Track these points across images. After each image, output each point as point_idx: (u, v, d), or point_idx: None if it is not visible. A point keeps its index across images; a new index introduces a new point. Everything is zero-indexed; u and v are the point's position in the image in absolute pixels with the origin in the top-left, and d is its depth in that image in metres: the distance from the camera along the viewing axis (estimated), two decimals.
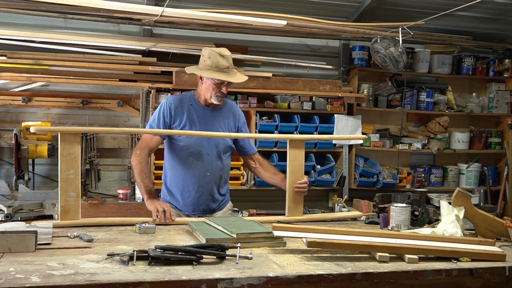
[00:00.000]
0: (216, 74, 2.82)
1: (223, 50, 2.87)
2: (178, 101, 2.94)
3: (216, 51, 2.85)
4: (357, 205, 3.81)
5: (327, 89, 4.70)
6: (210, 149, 2.90)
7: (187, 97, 2.97)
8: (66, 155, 2.46)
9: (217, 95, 2.87)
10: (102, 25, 4.47)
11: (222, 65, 2.83)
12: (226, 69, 2.84)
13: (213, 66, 2.83)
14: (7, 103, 4.27)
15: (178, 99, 2.96)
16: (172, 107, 2.90)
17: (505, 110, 5.35)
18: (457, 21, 4.90)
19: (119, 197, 4.15)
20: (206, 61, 2.85)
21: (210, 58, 2.84)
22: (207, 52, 2.87)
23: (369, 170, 4.88)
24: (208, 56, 2.85)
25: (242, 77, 2.94)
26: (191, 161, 2.89)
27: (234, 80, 2.88)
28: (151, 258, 1.83)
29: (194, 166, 2.89)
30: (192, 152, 2.88)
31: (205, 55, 2.87)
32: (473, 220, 2.50)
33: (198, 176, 2.90)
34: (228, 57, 2.86)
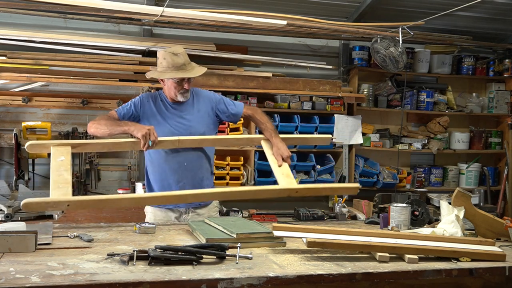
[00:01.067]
0: (174, 73, 2.84)
1: (175, 49, 2.90)
2: (151, 97, 2.99)
3: (169, 51, 2.88)
4: (357, 205, 3.81)
5: (327, 89, 4.70)
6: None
7: (158, 94, 3.02)
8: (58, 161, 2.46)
9: (180, 92, 2.90)
10: (102, 25, 4.47)
11: (178, 63, 2.85)
12: (183, 66, 2.86)
13: (170, 66, 2.86)
14: (7, 103, 4.27)
15: (151, 95, 3.03)
16: (144, 100, 2.95)
17: (505, 110, 5.35)
18: (457, 21, 4.90)
19: None
20: (162, 62, 2.88)
21: (165, 59, 2.87)
22: (161, 54, 2.89)
23: (369, 170, 4.88)
24: (163, 57, 2.88)
25: (201, 70, 2.94)
26: (166, 152, 2.88)
27: (192, 74, 2.89)
28: (151, 258, 1.83)
29: (170, 158, 2.88)
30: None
31: (160, 57, 2.90)
32: (473, 220, 2.50)
33: (176, 168, 2.89)
34: (182, 54, 2.88)
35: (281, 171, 2.71)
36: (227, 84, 4.39)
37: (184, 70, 2.87)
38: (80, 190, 4.25)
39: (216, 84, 4.38)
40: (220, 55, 4.49)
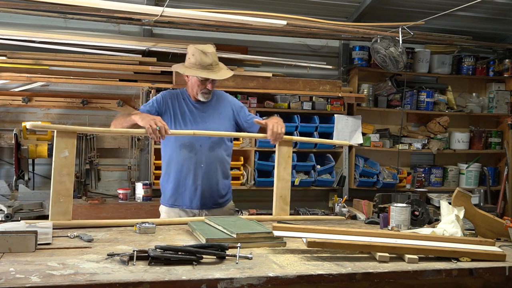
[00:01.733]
0: (199, 72, 2.84)
1: (206, 47, 2.89)
2: (173, 94, 2.99)
3: (199, 49, 2.86)
4: (357, 205, 3.81)
5: (327, 89, 4.70)
6: (203, 141, 2.90)
7: (180, 92, 3.02)
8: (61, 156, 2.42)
9: (202, 92, 2.90)
10: (102, 25, 4.47)
11: (205, 62, 2.84)
12: (209, 66, 2.85)
13: (197, 64, 2.85)
14: (7, 103, 4.27)
15: (173, 92, 3.03)
16: (167, 98, 2.96)
17: (505, 110, 5.35)
18: (457, 21, 4.90)
19: (119, 197, 4.16)
20: (190, 58, 2.88)
21: (193, 55, 2.86)
22: (191, 50, 2.89)
23: (369, 170, 4.88)
24: (192, 53, 2.87)
25: (227, 73, 2.94)
26: (184, 153, 2.89)
27: (217, 77, 2.88)
28: (151, 258, 1.83)
29: (188, 159, 2.90)
30: (184, 143, 2.89)
31: (189, 53, 2.90)
32: (473, 220, 2.50)
33: (193, 168, 2.90)
34: (211, 54, 2.87)
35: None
36: (227, 84, 4.39)
37: (210, 70, 2.86)
38: (80, 190, 4.25)
39: (216, 84, 4.37)
40: (220, 55, 4.47)
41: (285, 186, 2.81)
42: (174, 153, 2.92)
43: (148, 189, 4.16)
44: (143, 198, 4.13)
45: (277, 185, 2.80)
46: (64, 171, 2.40)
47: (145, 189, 4.14)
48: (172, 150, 2.92)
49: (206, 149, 2.91)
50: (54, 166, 2.39)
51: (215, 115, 2.97)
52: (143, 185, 4.15)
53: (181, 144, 2.89)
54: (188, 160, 2.90)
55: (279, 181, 2.80)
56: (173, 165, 2.94)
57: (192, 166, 2.90)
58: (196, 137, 2.87)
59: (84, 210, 3.96)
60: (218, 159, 2.97)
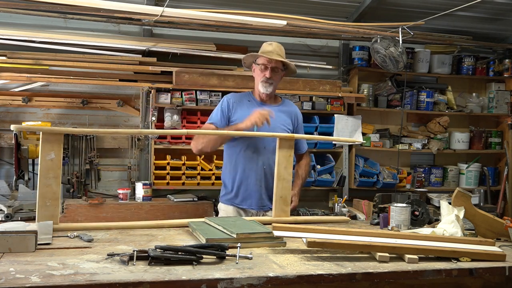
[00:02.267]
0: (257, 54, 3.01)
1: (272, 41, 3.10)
2: (237, 97, 3.10)
3: (267, 42, 3.10)
4: (357, 205, 3.81)
5: (327, 89, 4.70)
6: (267, 142, 2.98)
7: (245, 94, 3.15)
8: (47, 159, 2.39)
9: (262, 81, 3.01)
10: (102, 25, 4.47)
11: (266, 49, 3.03)
12: (269, 53, 3.00)
13: (260, 52, 3.01)
14: (7, 103, 4.27)
15: (237, 95, 3.14)
16: (231, 102, 3.06)
17: (505, 110, 5.34)
18: (457, 21, 4.90)
19: (119, 197, 4.15)
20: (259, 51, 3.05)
21: (260, 47, 3.07)
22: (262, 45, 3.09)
23: (369, 170, 4.88)
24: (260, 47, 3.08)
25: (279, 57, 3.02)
26: (248, 154, 2.98)
27: (270, 56, 2.98)
28: (151, 258, 1.83)
29: (252, 159, 2.98)
30: (249, 145, 2.98)
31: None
32: (473, 220, 2.50)
33: (256, 169, 2.99)
34: (275, 45, 3.04)
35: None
36: (227, 84, 4.39)
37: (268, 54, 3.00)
38: (80, 190, 4.25)
39: (216, 84, 4.38)
40: (220, 55, 4.49)
41: (286, 186, 2.80)
42: (239, 153, 3.01)
43: (148, 189, 4.15)
44: (143, 198, 4.13)
45: (277, 185, 2.79)
46: (51, 174, 2.38)
47: (145, 189, 4.14)
48: (237, 151, 3.01)
49: (270, 151, 2.97)
50: (40, 169, 2.37)
51: (279, 118, 3.05)
52: (143, 185, 4.15)
53: (247, 144, 2.98)
54: (252, 161, 2.99)
55: (279, 181, 2.80)
56: (237, 165, 3.02)
57: (255, 167, 2.99)
58: (261, 139, 2.97)
59: (84, 210, 3.96)
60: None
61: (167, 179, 4.39)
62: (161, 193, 4.50)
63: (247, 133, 2.88)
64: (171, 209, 4.12)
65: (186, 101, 4.40)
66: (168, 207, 4.13)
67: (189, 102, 4.40)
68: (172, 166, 4.38)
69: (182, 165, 4.40)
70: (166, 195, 4.44)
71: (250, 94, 3.14)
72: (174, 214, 4.09)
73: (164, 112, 4.35)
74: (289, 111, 3.15)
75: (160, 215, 4.03)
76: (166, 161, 4.35)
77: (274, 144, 2.94)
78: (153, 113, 4.27)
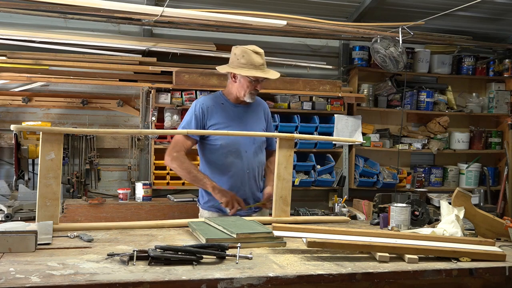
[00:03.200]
0: (252, 72, 2.82)
1: (256, 48, 2.89)
2: (210, 101, 2.95)
3: (249, 49, 2.86)
4: (357, 205, 3.81)
5: (327, 89, 4.70)
6: (247, 146, 2.92)
7: (217, 97, 2.99)
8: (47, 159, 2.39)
9: (250, 93, 2.90)
10: (102, 25, 4.47)
11: (257, 62, 2.85)
12: (261, 66, 2.86)
13: (248, 64, 2.84)
14: (7, 103, 4.27)
15: (209, 99, 2.98)
16: (205, 107, 2.90)
17: (505, 110, 5.34)
18: (457, 21, 4.90)
19: (119, 197, 4.15)
20: (240, 59, 2.85)
21: (244, 56, 2.84)
22: (240, 51, 2.87)
23: (369, 170, 4.88)
24: (242, 54, 2.85)
25: (276, 74, 2.95)
26: (230, 160, 2.89)
27: (270, 76, 2.89)
28: (151, 258, 1.83)
29: (233, 165, 2.90)
30: (230, 150, 2.89)
31: (237, 54, 2.87)
32: (473, 220, 2.50)
33: (238, 174, 2.91)
34: (262, 54, 2.88)
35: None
36: (227, 84, 4.38)
37: (263, 71, 2.86)
38: (80, 190, 4.25)
39: (216, 84, 4.38)
40: (220, 55, 4.49)
41: (286, 186, 2.80)
42: (219, 159, 2.91)
43: (148, 189, 4.16)
44: (143, 198, 4.13)
45: (277, 185, 2.79)
46: (51, 174, 2.37)
47: (145, 189, 4.14)
48: (217, 157, 2.91)
49: (251, 154, 2.93)
50: (40, 169, 2.37)
51: (254, 118, 3.00)
52: (143, 185, 4.15)
53: (228, 150, 2.89)
54: (234, 166, 2.90)
55: (279, 181, 2.79)
56: (218, 170, 2.92)
57: (238, 172, 2.91)
58: (242, 143, 2.89)
59: (84, 210, 3.96)
60: (260, 164, 3.01)
61: (167, 179, 4.39)
62: (161, 193, 4.50)
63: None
64: (171, 209, 4.12)
65: (186, 101, 4.40)
66: (168, 207, 4.13)
67: (189, 102, 4.40)
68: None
69: None
70: (166, 195, 4.44)
71: (221, 96, 2.98)
72: (174, 214, 4.09)
73: (164, 112, 4.36)
74: (261, 108, 3.07)
75: (160, 215, 4.03)
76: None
77: (254, 146, 2.93)
78: (153, 113, 4.27)
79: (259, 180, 3.01)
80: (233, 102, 2.96)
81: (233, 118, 2.93)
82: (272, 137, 3.01)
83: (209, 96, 3.03)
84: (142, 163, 4.47)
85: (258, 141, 2.96)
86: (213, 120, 2.90)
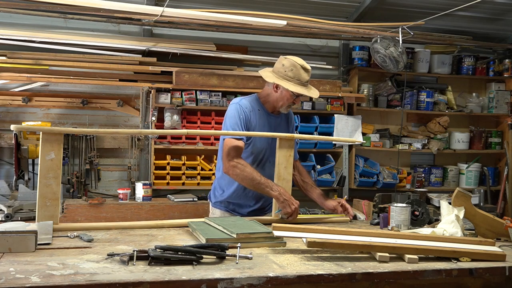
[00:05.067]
0: (298, 88, 2.81)
1: (305, 64, 2.88)
2: (249, 104, 2.90)
3: (299, 63, 2.85)
4: (357, 205, 3.81)
5: (327, 89, 4.70)
6: (272, 156, 2.89)
7: (254, 101, 2.94)
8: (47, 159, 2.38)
9: (288, 105, 2.90)
10: (102, 25, 4.47)
11: (304, 79, 2.84)
12: (306, 83, 2.86)
13: (295, 79, 2.82)
14: (7, 103, 4.27)
15: (248, 101, 2.92)
16: (247, 111, 2.86)
17: (505, 110, 5.35)
18: (457, 21, 4.90)
19: (119, 197, 4.15)
20: (288, 72, 2.83)
21: (292, 70, 2.82)
22: (290, 63, 2.84)
23: (369, 170, 4.88)
24: (291, 67, 2.83)
25: (317, 93, 2.95)
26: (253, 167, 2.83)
27: (313, 95, 2.90)
28: (151, 258, 1.83)
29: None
30: (258, 158, 2.89)
31: (286, 65, 2.84)
32: (473, 220, 2.50)
33: None
34: (309, 71, 2.88)
35: None
36: (227, 84, 4.39)
37: (307, 88, 2.87)
38: (80, 190, 4.25)
39: (216, 84, 4.38)
40: (220, 55, 4.49)
41: (286, 186, 2.80)
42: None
43: (148, 189, 4.16)
44: (143, 198, 4.13)
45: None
46: (51, 174, 2.37)
47: (145, 189, 4.14)
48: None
49: (272, 164, 2.88)
50: (40, 169, 2.37)
51: (284, 128, 2.99)
52: (143, 185, 4.15)
53: (255, 159, 2.88)
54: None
55: (279, 181, 2.79)
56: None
57: None
58: (269, 153, 2.88)
59: (84, 210, 3.96)
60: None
61: (167, 179, 4.39)
62: (161, 193, 4.50)
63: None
64: (171, 209, 4.13)
65: (186, 101, 4.40)
66: (168, 207, 4.14)
67: (189, 102, 4.41)
68: (172, 166, 4.39)
69: (182, 165, 4.40)
70: (166, 195, 4.44)
71: (258, 102, 2.94)
72: (174, 214, 4.09)
73: (164, 112, 4.36)
74: (289, 119, 3.09)
75: (160, 215, 4.03)
76: (166, 161, 4.36)
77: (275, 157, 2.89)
78: (153, 113, 4.27)
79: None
80: (268, 110, 2.94)
81: (266, 126, 2.91)
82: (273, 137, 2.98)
83: (247, 99, 2.95)
84: (142, 163, 4.48)
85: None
86: (252, 125, 2.87)
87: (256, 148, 2.88)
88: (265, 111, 2.94)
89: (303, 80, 2.84)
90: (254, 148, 2.87)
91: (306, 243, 2.02)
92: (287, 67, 2.84)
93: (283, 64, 2.86)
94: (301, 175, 3.11)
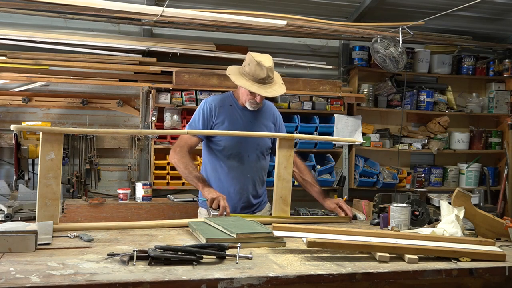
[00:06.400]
0: (248, 84, 2.76)
1: (264, 60, 2.78)
2: (219, 101, 2.91)
3: (257, 59, 2.77)
4: (357, 205, 3.81)
5: (327, 89, 4.70)
6: (250, 151, 2.89)
7: (227, 97, 2.95)
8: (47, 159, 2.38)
9: (250, 102, 2.85)
10: (102, 25, 4.47)
11: (258, 76, 2.77)
12: (261, 80, 2.77)
13: (250, 74, 2.78)
14: (7, 103, 4.27)
15: (219, 99, 2.94)
16: (213, 107, 2.88)
17: (505, 110, 5.34)
18: (457, 21, 4.90)
19: (119, 197, 4.15)
20: (245, 66, 2.81)
21: (249, 64, 2.79)
22: (249, 58, 2.81)
23: (369, 170, 4.88)
24: (249, 62, 2.80)
25: (278, 90, 2.83)
26: (231, 163, 2.87)
27: (267, 94, 2.79)
28: (151, 258, 1.83)
29: (235, 168, 2.88)
30: (232, 153, 2.87)
31: (246, 60, 2.83)
32: (473, 220, 2.50)
33: (239, 177, 2.89)
34: (267, 69, 2.76)
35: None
36: (227, 84, 4.39)
37: (261, 85, 2.78)
38: (80, 190, 4.25)
39: (216, 84, 4.38)
40: (220, 55, 4.49)
41: (286, 186, 2.80)
42: (222, 161, 2.89)
43: (148, 189, 4.16)
44: (143, 198, 4.13)
45: (277, 185, 2.79)
46: (51, 173, 2.37)
47: (145, 189, 4.14)
48: (219, 158, 2.90)
49: (254, 159, 2.91)
50: (40, 169, 2.37)
51: (262, 122, 2.96)
52: (143, 185, 4.15)
53: (230, 154, 2.88)
54: (236, 169, 2.88)
55: (279, 181, 2.79)
56: (219, 173, 2.91)
57: (239, 176, 2.89)
58: (245, 147, 2.87)
59: (84, 210, 3.96)
60: (262, 169, 3.00)
61: (167, 179, 4.39)
62: (161, 193, 4.50)
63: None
64: (171, 209, 4.13)
65: (186, 101, 4.40)
66: (168, 207, 4.14)
67: (189, 102, 4.41)
68: (172, 166, 4.38)
69: None
70: (166, 195, 4.44)
71: (232, 98, 2.95)
72: (174, 214, 4.09)
73: (164, 112, 4.36)
74: (271, 114, 3.04)
75: (160, 215, 4.03)
76: (166, 161, 4.36)
77: (257, 151, 2.92)
78: (153, 113, 4.27)
79: (258, 186, 2.99)
80: (241, 105, 2.93)
81: (239, 121, 2.90)
82: (272, 137, 2.99)
83: (219, 96, 2.99)
84: (142, 163, 4.48)
85: (262, 147, 2.94)
86: (219, 121, 2.88)
87: (233, 142, 2.86)
88: (239, 107, 2.93)
89: (258, 77, 2.76)
90: (231, 142, 2.86)
91: (306, 243, 2.02)
92: (246, 61, 2.84)
93: (246, 59, 2.86)
94: (301, 172, 3.10)
